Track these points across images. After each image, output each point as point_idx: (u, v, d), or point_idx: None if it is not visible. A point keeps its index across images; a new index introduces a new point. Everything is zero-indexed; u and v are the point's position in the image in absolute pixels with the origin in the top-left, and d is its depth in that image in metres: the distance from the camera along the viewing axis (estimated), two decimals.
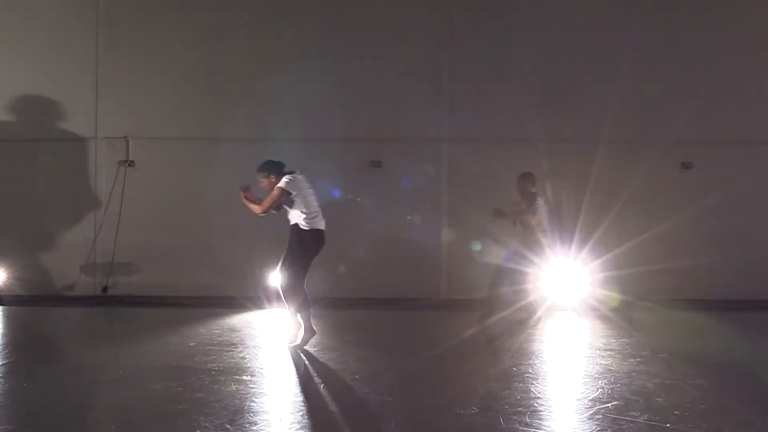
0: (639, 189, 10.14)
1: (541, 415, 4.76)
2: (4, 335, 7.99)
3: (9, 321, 8.77)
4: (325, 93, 10.45)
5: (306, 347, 6.79)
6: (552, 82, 10.38)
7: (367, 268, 10.14)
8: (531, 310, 8.31)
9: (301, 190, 6.78)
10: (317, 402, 5.01)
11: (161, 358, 6.41)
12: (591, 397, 5.17)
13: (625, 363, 6.26)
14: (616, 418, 4.64)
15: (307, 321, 6.81)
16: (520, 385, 5.50)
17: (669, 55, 10.38)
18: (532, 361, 6.43)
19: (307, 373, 5.87)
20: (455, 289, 10.25)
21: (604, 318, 8.74)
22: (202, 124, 10.49)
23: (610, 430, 4.43)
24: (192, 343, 7.07)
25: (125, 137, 10.56)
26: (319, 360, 6.35)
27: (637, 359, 6.40)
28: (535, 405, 4.97)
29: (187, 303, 9.30)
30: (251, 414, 4.75)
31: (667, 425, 4.50)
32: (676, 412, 4.77)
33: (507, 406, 4.89)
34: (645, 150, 10.22)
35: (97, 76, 10.58)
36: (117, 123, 10.55)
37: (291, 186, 6.73)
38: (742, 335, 7.97)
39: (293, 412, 4.89)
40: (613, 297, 9.48)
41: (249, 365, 6.18)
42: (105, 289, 10.44)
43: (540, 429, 4.47)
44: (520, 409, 4.84)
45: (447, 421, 4.72)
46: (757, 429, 4.51)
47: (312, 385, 5.47)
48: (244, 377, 5.72)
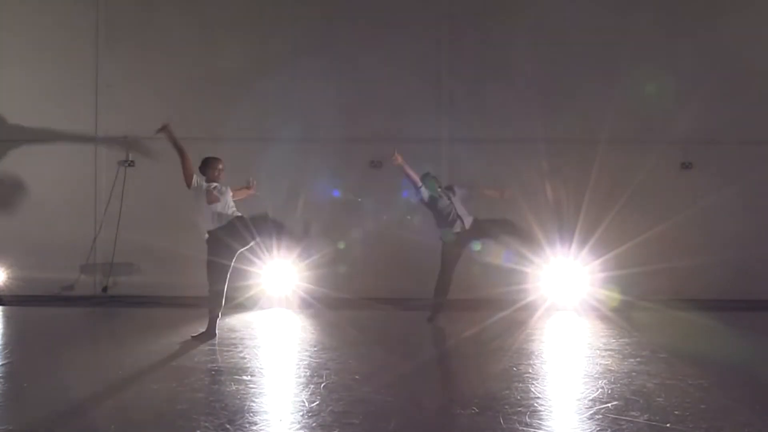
0: (639, 189, 10.14)
1: (541, 415, 4.76)
2: (4, 335, 7.99)
3: (9, 321, 8.77)
4: (325, 93, 10.44)
5: (306, 347, 6.80)
6: (552, 82, 10.38)
7: (367, 268, 10.14)
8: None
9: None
10: (317, 402, 5.01)
11: (161, 358, 6.41)
12: (591, 397, 5.16)
13: (625, 363, 6.26)
14: (616, 418, 4.63)
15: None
16: (520, 385, 5.50)
17: (669, 55, 10.38)
18: (532, 361, 6.42)
19: (307, 373, 5.87)
20: (455, 289, 10.23)
21: (604, 318, 8.74)
22: (202, 124, 10.48)
23: (610, 430, 4.43)
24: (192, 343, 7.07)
25: (125, 137, 10.56)
26: (319, 360, 6.35)
27: (637, 359, 6.40)
28: (535, 405, 4.97)
29: (187, 303, 9.29)
30: (251, 414, 4.75)
31: (667, 425, 4.50)
32: (676, 412, 4.77)
33: (507, 406, 4.88)
34: (645, 150, 10.23)
35: (97, 76, 10.58)
36: (117, 123, 10.55)
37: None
38: (742, 335, 7.97)
39: (293, 412, 4.89)
40: (613, 297, 9.48)
41: (249, 365, 6.17)
42: (105, 289, 10.44)
43: (540, 429, 4.47)
44: (520, 409, 4.84)
45: (447, 421, 4.71)
46: (757, 429, 4.50)
47: (312, 385, 5.47)
48: (244, 377, 5.72)
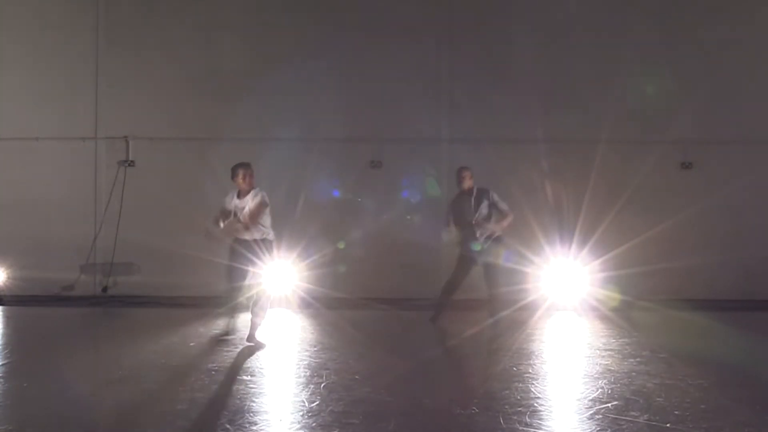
0: (639, 189, 10.15)
1: (541, 415, 4.76)
2: (4, 335, 7.99)
3: (9, 321, 8.77)
4: (325, 93, 10.45)
5: (306, 347, 6.80)
6: (552, 82, 10.39)
7: (367, 268, 10.14)
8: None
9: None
10: (317, 402, 5.01)
11: (161, 358, 6.41)
12: (591, 397, 5.17)
13: (625, 363, 6.26)
14: (616, 418, 4.64)
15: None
16: (520, 385, 5.50)
17: (669, 55, 10.38)
18: (532, 361, 6.42)
19: (307, 373, 5.87)
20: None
21: (604, 318, 8.74)
22: (202, 124, 10.49)
23: (610, 430, 4.43)
24: (192, 343, 7.08)
25: (125, 137, 10.57)
26: (319, 360, 6.35)
27: (637, 359, 6.40)
28: (535, 405, 4.97)
29: (187, 303, 9.30)
30: (251, 414, 4.75)
31: (667, 425, 4.50)
32: (676, 412, 4.77)
33: (507, 406, 4.89)
34: (645, 150, 10.23)
35: (97, 76, 10.59)
36: (117, 123, 10.56)
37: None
38: (742, 335, 7.97)
39: (293, 412, 4.89)
40: (613, 297, 9.48)
41: (249, 365, 6.18)
42: (105, 289, 10.44)
43: (540, 429, 4.47)
44: (520, 409, 4.84)
45: (447, 421, 4.72)
46: (757, 429, 4.51)
47: (312, 385, 5.47)
48: (244, 377, 5.72)
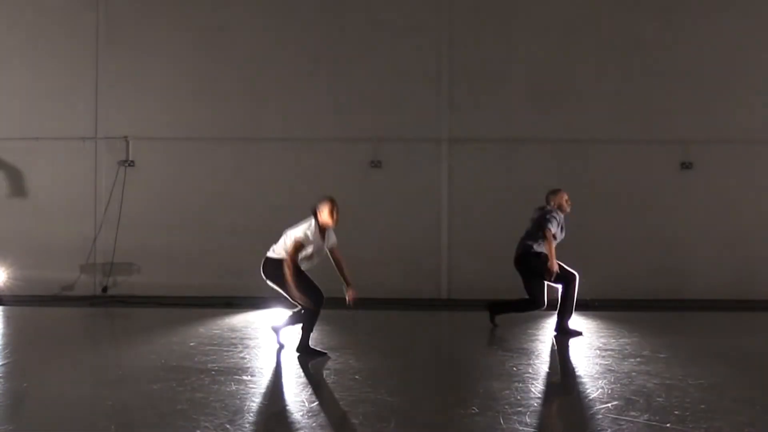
0: (639, 189, 10.15)
1: (541, 415, 4.76)
2: (4, 335, 7.99)
3: (9, 321, 8.77)
4: (325, 93, 10.46)
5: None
6: (552, 82, 10.38)
7: (367, 268, 10.12)
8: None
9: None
10: (317, 402, 5.01)
11: (161, 358, 6.41)
12: (591, 397, 5.16)
13: (625, 363, 6.26)
14: (616, 418, 4.63)
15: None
16: (520, 385, 5.50)
17: (669, 55, 10.39)
18: (532, 361, 6.42)
19: (307, 373, 5.87)
20: (455, 289, 10.26)
21: (604, 318, 8.73)
22: (202, 124, 10.50)
23: (610, 430, 4.43)
24: (192, 343, 7.07)
25: (125, 137, 10.57)
26: (319, 360, 6.35)
27: (637, 359, 6.40)
28: (535, 405, 4.97)
29: (187, 303, 9.30)
30: (251, 414, 4.75)
31: (667, 425, 4.50)
32: (676, 412, 4.77)
33: (507, 406, 4.88)
34: (645, 150, 10.24)
35: (97, 76, 10.59)
36: (117, 123, 10.56)
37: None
38: (741, 335, 7.97)
39: (293, 412, 4.89)
40: (613, 297, 9.47)
41: (249, 365, 6.17)
42: (105, 289, 10.44)
43: (540, 429, 4.46)
44: (520, 409, 4.83)
45: (447, 421, 4.71)
46: (757, 429, 4.50)
47: (312, 385, 5.47)
48: (244, 377, 5.72)
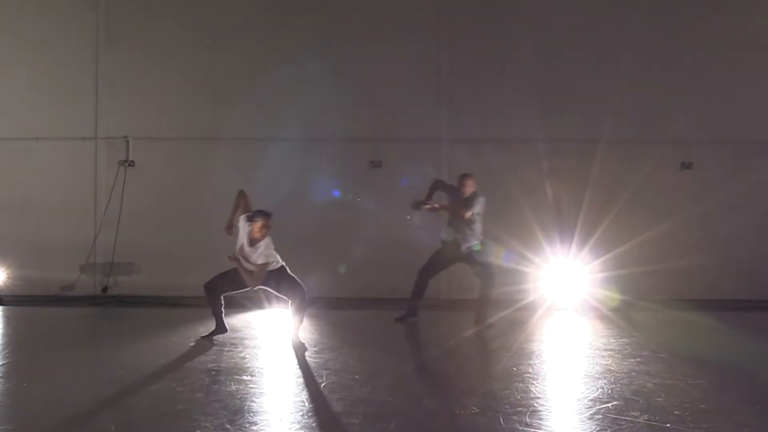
0: (639, 189, 10.15)
1: (541, 415, 4.76)
2: (4, 335, 7.99)
3: (9, 321, 8.77)
4: (325, 93, 10.45)
5: (306, 347, 6.80)
6: (552, 82, 10.38)
7: (367, 268, 10.14)
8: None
9: None
10: (317, 402, 5.01)
11: (161, 358, 6.41)
12: (591, 397, 5.17)
13: (625, 363, 6.26)
14: (616, 418, 4.64)
15: None
16: (520, 385, 5.50)
17: (669, 55, 10.38)
18: (532, 361, 6.42)
19: (307, 373, 5.87)
20: (455, 289, 10.25)
21: (604, 318, 8.74)
22: (202, 124, 10.49)
23: (610, 430, 4.43)
24: (192, 343, 7.08)
25: (125, 137, 10.57)
26: (319, 360, 6.35)
27: (637, 359, 6.40)
28: (535, 405, 4.97)
29: (187, 303, 9.29)
30: (251, 414, 4.75)
31: (667, 425, 4.50)
32: (676, 412, 4.77)
33: (507, 406, 4.89)
34: (645, 150, 10.23)
35: (97, 76, 10.58)
36: (117, 123, 10.55)
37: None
38: (742, 335, 7.98)
39: (293, 412, 4.89)
40: (613, 297, 9.48)
41: (249, 365, 6.18)
42: (105, 289, 10.44)
43: (540, 429, 4.47)
44: (520, 409, 4.84)
45: (447, 421, 4.72)
46: (757, 429, 4.51)
47: (312, 385, 5.47)
48: (244, 377, 5.72)
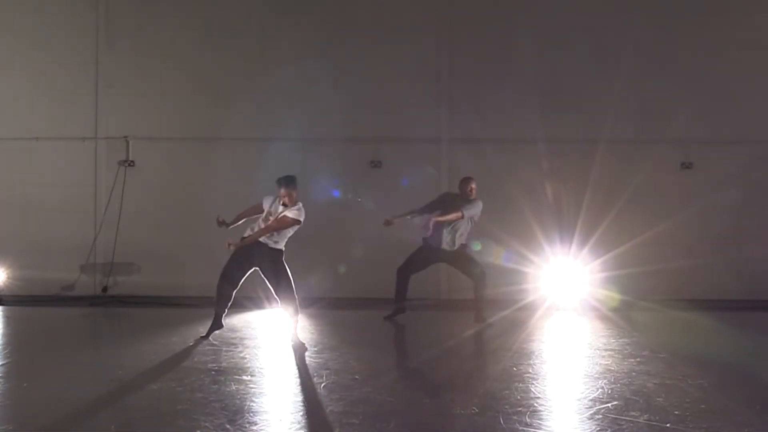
0: (639, 189, 10.14)
1: (541, 415, 4.76)
2: (4, 335, 7.99)
3: (9, 321, 8.77)
4: (325, 93, 10.45)
5: (306, 347, 6.80)
6: (552, 82, 10.38)
7: (367, 268, 10.14)
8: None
9: None
10: (317, 402, 5.01)
11: (161, 358, 6.41)
12: (591, 397, 5.17)
13: (625, 363, 6.26)
14: (616, 418, 4.64)
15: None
16: (520, 385, 5.50)
17: (669, 55, 10.38)
18: (532, 361, 6.42)
19: (307, 373, 5.87)
20: (455, 289, 10.24)
21: (604, 318, 8.74)
22: (202, 124, 10.49)
23: (610, 430, 4.43)
24: (192, 343, 7.07)
25: (125, 137, 10.57)
26: (319, 360, 6.35)
27: (637, 359, 6.40)
28: (535, 405, 4.97)
29: (187, 303, 9.30)
30: (251, 414, 4.75)
31: (667, 425, 4.50)
32: (676, 412, 4.77)
33: (507, 406, 4.89)
34: (645, 150, 10.23)
35: (97, 76, 10.58)
36: (117, 123, 10.55)
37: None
38: (742, 335, 7.98)
39: (293, 412, 4.89)
40: (613, 297, 9.49)
41: (249, 365, 6.18)
42: (105, 289, 10.44)
43: (540, 429, 4.47)
44: (520, 409, 4.84)
45: (447, 421, 4.72)
46: (757, 429, 4.51)
47: (312, 385, 5.47)
48: (244, 377, 5.72)
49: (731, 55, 10.38)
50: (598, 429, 4.45)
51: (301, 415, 4.74)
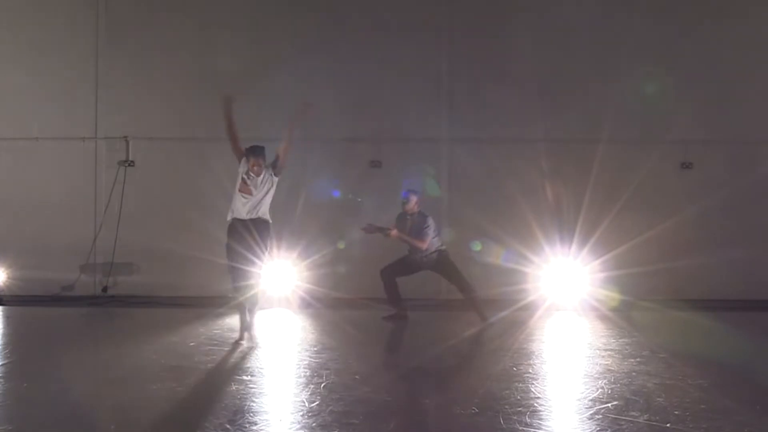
0: (639, 189, 10.14)
1: (541, 415, 4.76)
2: (4, 335, 7.99)
3: (9, 321, 8.77)
4: (325, 93, 10.43)
5: (306, 347, 6.80)
6: (552, 82, 10.38)
7: (367, 268, 10.13)
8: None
9: None
10: (317, 402, 5.01)
11: (161, 358, 6.41)
12: (591, 397, 5.16)
13: (625, 363, 6.26)
14: (616, 418, 4.64)
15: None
16: (520, 385, 5.50)
17: (669, 55, 10.38)
18: (532, 361, 6.42)
19: (307, 373, 5.87)
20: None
21: (604, 318, 8.74)
22: (202, 124, 10.47)
23: (610, 430, 4.43)
24: (192, 343, 7.08)
25: (125, 137, 10.57)
26: (319, 360, 6.35)
27: (637, 359, 6.40)
28: (535, 405, 4.97)
29: (187, 303, 9.29)
30: (251, 414, 4.75)
31: (667, 425, 4.50)
32: (676, 412, 4.77)
33: (507, 406, 4.89)
34: (645, 150, 10.23)
35: (97, 76, 10.58)
36: (117, 123, 10.55)
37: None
38: (742, 335, 7.97)
39: (293, 412, 4.89)
40: (613, 297, 9.49)
41: (249, 365, 6.18)
42: (105, 289, 10.44)
43: (540, 429, 4.47)
44: (520, 409, 4.84)
45: (447, 421, 4.71)
46: (757, 429, 4.51)
47: (312, 385, 5.47)
48: (244, 377, 5.72)
49: (731, 55, 10.38)
50: (598, 429, 4.45)
51: (301, 415, 4.74)
